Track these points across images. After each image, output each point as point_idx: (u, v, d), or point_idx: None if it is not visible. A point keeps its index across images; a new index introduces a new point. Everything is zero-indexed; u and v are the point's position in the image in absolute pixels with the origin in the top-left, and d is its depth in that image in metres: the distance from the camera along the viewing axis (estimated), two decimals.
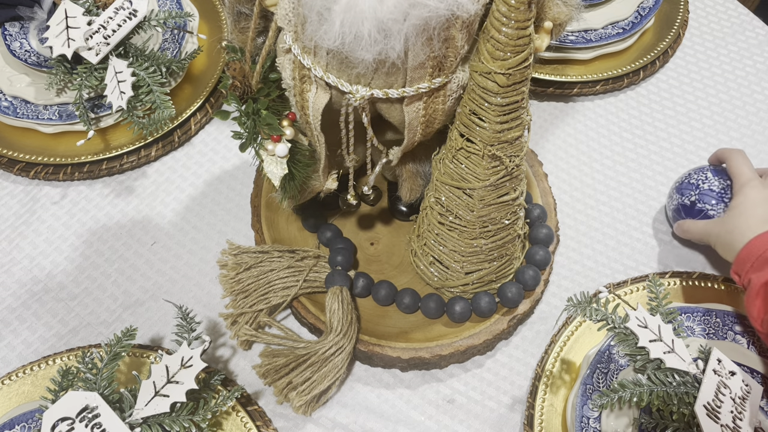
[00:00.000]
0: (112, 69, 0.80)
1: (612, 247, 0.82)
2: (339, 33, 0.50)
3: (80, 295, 0.78)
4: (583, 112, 0.94)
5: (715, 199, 0.76)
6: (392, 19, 0.48)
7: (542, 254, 0.75)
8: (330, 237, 0.77)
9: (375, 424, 0.70)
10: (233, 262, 0.76)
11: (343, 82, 0.56)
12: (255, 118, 0.59)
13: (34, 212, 0.83)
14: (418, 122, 0.59)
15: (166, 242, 0.81)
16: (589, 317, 0.62)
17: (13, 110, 0.85)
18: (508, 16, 0.52)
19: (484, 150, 0.60)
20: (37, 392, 0.68)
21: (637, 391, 0.58)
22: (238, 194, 0.85)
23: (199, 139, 0.90)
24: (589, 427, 0.65)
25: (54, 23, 0.79)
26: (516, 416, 0.71)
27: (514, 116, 0.58)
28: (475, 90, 0.57)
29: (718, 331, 0.71)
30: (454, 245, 0.69)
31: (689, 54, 1.00)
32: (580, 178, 0.88)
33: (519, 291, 0.72)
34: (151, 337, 0.75)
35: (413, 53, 0.53)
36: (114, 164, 0.85)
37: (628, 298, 0.76)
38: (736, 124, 0.93)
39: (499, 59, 0.54)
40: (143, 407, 0.61)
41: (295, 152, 0.61)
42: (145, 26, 0.82)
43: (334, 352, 0.68)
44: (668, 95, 0.96)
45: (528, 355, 0.75)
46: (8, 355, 0.74)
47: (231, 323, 0.74)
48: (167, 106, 0.79)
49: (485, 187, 0.63)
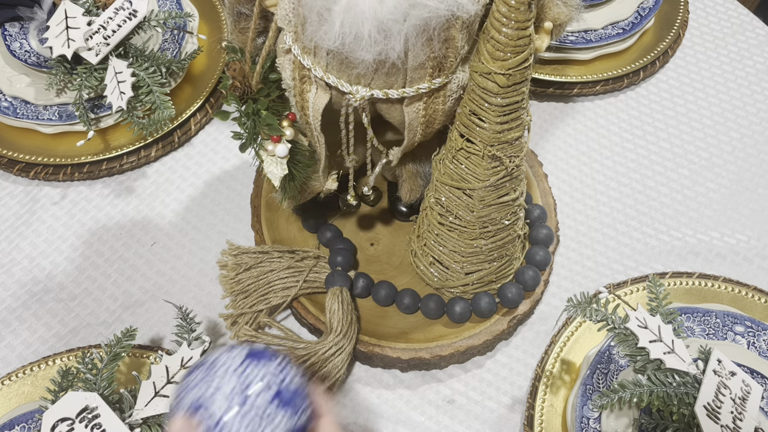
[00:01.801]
0: (111, 69, 0.80)
1: (612, 247, 0.82)
2: (339, 33, 0.50)
3: (80, 295, 0.78)
4: (583, 112, 0.94)
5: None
6: (392, 19, 0.48)
7: (542, 255, 0.75)
8: (330, 237, 0.77)
9: (375, 424, 0.70)
10: (233, 262, 0.76)
11: (343, 83, 0.56)
12: (255, 118, 0.59)
13: (33, 213, 0.83)
14: (418, 123, 0.59)
15: (165, 243, 0.81)
16: (589, 318, 0.62)
17: (13, 110, 0.85)
18: (508, 16, 0.52)
19: (484, 150, 0.60)
20: (36, 393, 0.68)
21: (637, 392, 0.58)
22: (238, 194, 0.85)
23: (199, 139, 0.90)
24: (589, 427, 0.65)
25: (54, 23, 0.79)
26: (516, 417, 0.71)
27: (514, 117, 0.58)
28: (475, 90, 0.57)
29: (718, 331, 0.71)
30: (454, 246, 0.69)
31: (689, 54, 1.00)
32: (580, 178, 0.88)
33: (519, 291, 0.72)
34: (151, 337, 0.75)
35: (413, 53, 0.53)
36: (114, 165, 0.85)
37: (628, 299, 0.76)
38: (736, 124, 0.93)
39: (499, 60, 0.54)
40: (143, 408, 0.61)
41: (295, 153, 0.61)
42: (145, 26, 0.82)
43: (334, 353, 0.68)
44: (668, 95, 0.96)
45: (528, 355, 0.75)
46: (8, 355, 0.74)
47: (231, 324, 0.74)
48: (167, 106, 0.79)
49: (485, 187, 0.63)
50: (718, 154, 0.90)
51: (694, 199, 0.86)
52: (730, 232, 0.84)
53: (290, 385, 0.45)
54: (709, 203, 0.86)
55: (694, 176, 0.88)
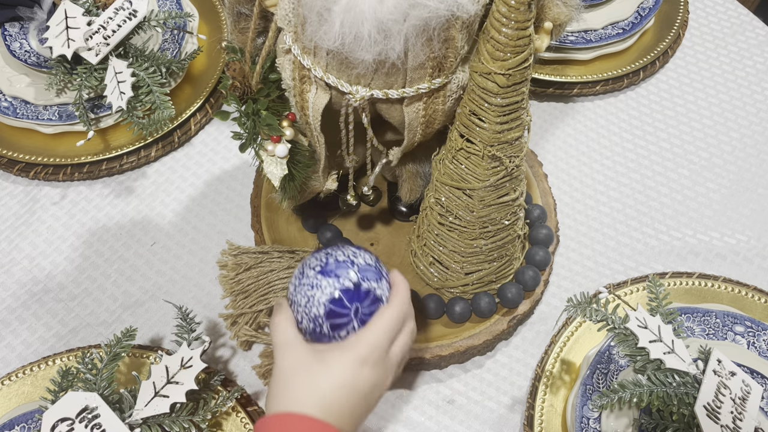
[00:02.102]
0: (111, 69, 0.80)
1: (612, 247, 0.82)
2: (339, 33, 0.50)
3: (80, 295, 0.78)
4: (583, 112, 0.94)
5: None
6: (392, 19, 0.48)
7: (542, 255, 0.75)
8: (330, 237, 0.77)
9: (375, 424, 0.70)
10: (233, 262, 0.76)
11: (343, 83, 0.56)
12: (255, 118, 0.59)
13: (33, 213, 0.83)
14: (418, 123, 0.59)
15: (165, 243, 0.81)
16: (589, 318, 0.62)
17: (12, 110, 0.85)
18: (508, 16, 0.52)
19: (484, 150, 0.60)
20: (36, 393, 0.68)
21: (637, 392, 0.58)
22: (238, 194, 0.85)
23: (198, 139, 0.90)
24: (589, 427, 0.65)
25: (54, 23, 0.79)
26: (516, 417, 0.71)
27: (514, 117, 0.58)
28: (475, 90, 0.57)
29: (718, 331, 0.71)
30: (454, 246, 0.69)
31: (689, 54, 1.00)
32: (580, 178, 0.88)
33: (519, 291, 0.72)
34: (151, 337, 0.75)
35: (413, 54, 0.53)
36: (114, 165, 0.85)
37: (628, 299, 0.76)
38: (736, 124, 0.93)
39: (499, 60, 0.54)
40: (143, 408, 0.61)
41: (295, 153, 0.61)
42: (145, 26, 0.82)
43: None
44: (668, 95, 0.96)
45: (528, 355, 0.75)
46: (8, 355, 0.74)
47: (231, 324, 0.74)
48: (167, 106, 0.79)
49: (485, 187, 0.63)
50: (718, 154, 0.90)
51: (694, 199, 0.86)
52: (730, 232, 0.84)
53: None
54: (709, 203, 0.86)
55: (694, 176, 0.88)
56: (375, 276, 0.57)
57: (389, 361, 0.54)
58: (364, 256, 0.58)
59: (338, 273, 0.56)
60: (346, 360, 0.52)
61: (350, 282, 0.55)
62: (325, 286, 0.55)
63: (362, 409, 0.52)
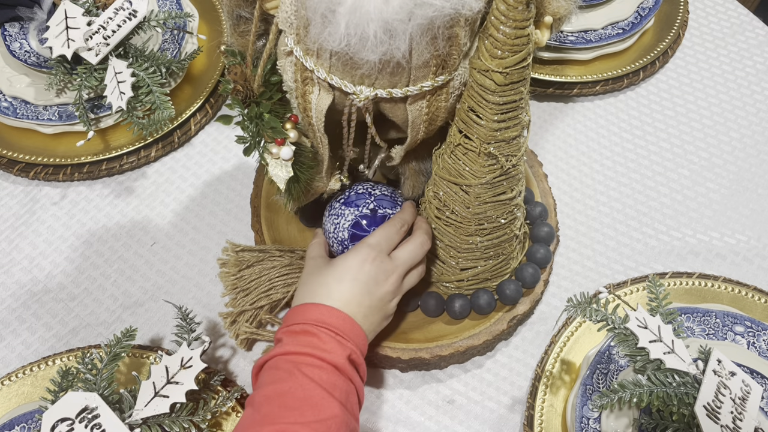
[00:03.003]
0: (111, 69, 0.80)
1: (612, 247, 0.82)
2: (344, 35, 0.49)
3: (80, 295, 0.78)
4: (583, 112, 0.94)
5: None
6: (398, 19, 0.48)
7: (543, 252, 0.75)
8: None
9: (375, 424, 0.70)
10: (235, 259, 0.76)
11: (347, 83, 0.55)
12: (258, 121, 0.58)
13: (33, 213, 0.83)
14: (421, 120, 0.59)
15: (165, 243, 0.81)
16: (589, 318, 0.62)
17: (12, 111, 0.85)
18: (506, 15, 0.52)
19: (480, 147, 0.60)
20: (36, 393, 0.68)
21: (637, 392, 0.58)
22: (238, 195, 0.85)
23: (198, 139, 0.90)
24: (589, 427, 0.65)
25: (54, 24, 0.79)
26: (516, 417, 0.71)
27: (511, 116, 0.58)
28: (474, 87, 0.57)
29: (717, 331, 0.71)
30: (450, 240, 0.69)
31: (689, 54, 1.00)
32: (580, 178, 0.88)
33: (518, 288, 0.72)
34: (151, 337, 0.75)
35: (417, 52, 0.52)
36: (114, 165, 0.85)
37: (628, 299, 0.76)
38: (736, 125, 0.93)
39: (497, 57, 0.54)
40: (143, 408, 0.61)
41: (299, 154, 0.61)
42: (145, 27, 0.82)
43: None
44: (668, 95, 0.96)
45: (528, 355, 0.75)
46: (8, 355, 0.74)
47: (230, 323, 0.74)
48: (167, 106, 0.79)
49: (481, 184, 0.63)
50: (718, 154, 0.90)
51: (694, 199, 0.86)
52: (730, 232, 0.84)
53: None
54: (709, 203, 0.86)
55: (694, 176, 0.88)
56: (390, 204, 0.69)
57: (392, 262, 0.64)
58: (381, 188, 0.70)
59: (358, 203, 0.68)
60: (349, 258, 0.63)
61: (368, 209, 0.67)
62: (348, 214, 0.68)
63: (367, 300, 0.62)
